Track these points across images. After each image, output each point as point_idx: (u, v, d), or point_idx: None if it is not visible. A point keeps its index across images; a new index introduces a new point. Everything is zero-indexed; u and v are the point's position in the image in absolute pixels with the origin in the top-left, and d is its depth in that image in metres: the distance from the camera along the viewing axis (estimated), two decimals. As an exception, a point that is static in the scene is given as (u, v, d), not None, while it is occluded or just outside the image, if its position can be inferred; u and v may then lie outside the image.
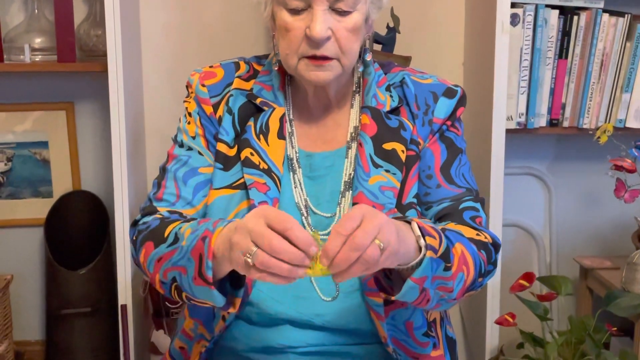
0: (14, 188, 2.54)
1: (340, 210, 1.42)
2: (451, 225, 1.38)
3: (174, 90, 2.44)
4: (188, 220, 1.36)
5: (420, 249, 1.20)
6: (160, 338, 2.28)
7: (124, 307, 2.20)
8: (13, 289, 2.47)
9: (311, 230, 1.42)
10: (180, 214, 1.42)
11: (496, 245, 1.39)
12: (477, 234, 1.36)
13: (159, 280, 1.33)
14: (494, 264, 1.37)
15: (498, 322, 2.10)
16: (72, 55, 2.32)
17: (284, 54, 1.39)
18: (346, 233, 1.12)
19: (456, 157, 1.46)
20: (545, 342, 2.10)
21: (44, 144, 2.53)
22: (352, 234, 1.11)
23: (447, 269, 1.24)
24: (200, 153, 1.46)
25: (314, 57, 1.35)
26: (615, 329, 2.14)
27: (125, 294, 2.20)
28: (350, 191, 1.42)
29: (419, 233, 1.21)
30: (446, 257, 1.24)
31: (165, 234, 1.33)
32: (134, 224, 1.45)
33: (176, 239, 1.30)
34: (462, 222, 1.40)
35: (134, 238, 1.41)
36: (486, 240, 1.37)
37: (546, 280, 2.20)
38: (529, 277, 2.08)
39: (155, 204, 1.45)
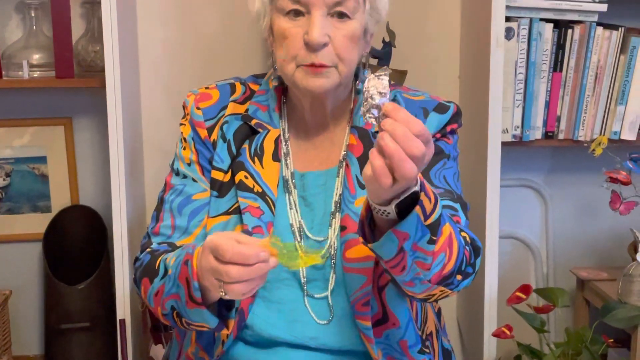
0: (13, 203, 2.54)
1: (331, 233, 1.41)
2: None
3: (172, 105, 2.45)
4: (175, 249, 1.37)
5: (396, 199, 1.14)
6: (159, 352, 2.27)
7: (122, 321, 2.19)
8: (12, 304, 2.46)
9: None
10: (170, 244, 1.42)
11: (477, 249, 1.33)
12: (461, 230, 1.32)
13: (161, 313, 1.34)
14: (473, 267, 1.31)
15: (495, 335, 2.10)
16: (70, 71, 2.32)
17: (280, 61, 1.38)
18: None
19: (439, 161, 1.43)
20: (542, 354, 2.10)
21: (42, 159, 2.53)
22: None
23: (431, 242, 1.17)
24: (194, 180, 1.46)
25: (311, 65, 1.35)
26: (612, 340, 2.13)
27: (123, 309, 2.19)
28: (339, 213, 1.42)
29: (418, 188, 1.15)
30: (434, 229, 1.17)
31: (156, 267, 1.34)
32: (135, 261, 1.46)
33: (166, 270, 1.31)
34: None
35: (134, 278, 1.43)
36: (468, 239, 1.33)
37: (543, 292, 2.21)
38: (525, 289, 2.08)
39: (152, 239, 1.45)
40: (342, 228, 1.39)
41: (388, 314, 1.42)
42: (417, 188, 1.14)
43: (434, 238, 1.18)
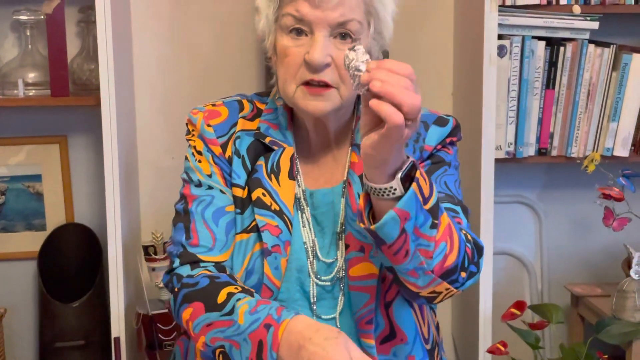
0: (7, 221, 2.53)
1: (339, 256, 1.41)
2: None
3: (167, 123, 2.45)
4: (243, 290, 1.33)
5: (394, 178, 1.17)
6: (154, 370, 2.26)
7: (117, 339, 2.18)
8: (6, 323, 2.45)
9: (317, 280, 1.41)
10: (229, 275, 1.39)
11: (479, 248, 1.33)
12: (462, 229, 1.32)
13: (204, 342, 1.31)
14: (478, 267, 1.32)
15: (490, 351, 2.09)
16: (65, 89, 2.32)
17: (282, 80, 1.37)
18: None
19: (440, 168, 1.44)
20: (537, 371, 2.10)
21: (37, 177, 2.52)
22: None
23: (433, 226, 1.19)
24: (222, 191, 1.44)
25: (311, 84, 1.34)
26: (607, 356, 2.13)
27: (118, 327, 2.18)
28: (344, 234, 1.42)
29: (407, 166, 1.18)
30: (434, 213, 1.19)
31: (219, 300, 1.31)
32: (171, 270, 1.42)
33: (232, 311, 1.28)
34: None
35: (174, 289, 1.38)
36: (470, 237, 1.33)
37: (537, 308, 2.20)
38: (520, 305, 2.08)
39: (191, 250, 1.41)
40: (346, 246, 1.40)
41: (395, 329, 1.41)
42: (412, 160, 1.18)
43: (436, 222, 1.20)
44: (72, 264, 2.52)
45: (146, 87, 2.47)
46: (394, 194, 1.16)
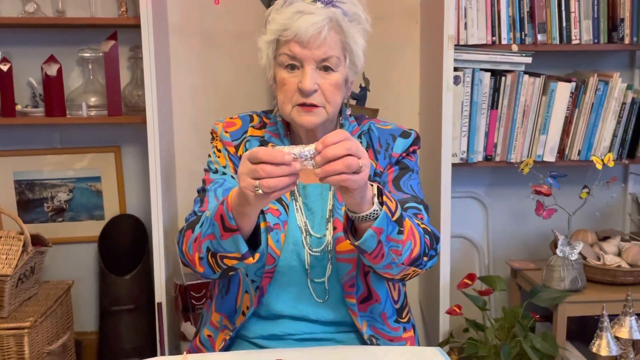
0: (74, 213, 2.54)
1: (328, 234, 1.42)
2: None
3: (198, 137, 2.46)
4: None
5: (374, 204, 1.19)
6: (188, 328, 2.27)
7: (159, 304, 2.19)
8: (74, 291, 2.46)
9: (310, 250, 1.42)
10: None
11: (436, 237, 1.36)
12: (421, 224, 1.35)
13: (198, 258, 1.30)
14: (436, 251, 1.35)
15: (448, 312, 2.10)
16: (119, 110, 2.33)
17: (281, 103, 1.39)
18: (345, 137, 1.12)
19: (406, 173, 1.46)
20: (485, 327, 2.10)
21: (97, 179, 2.53)
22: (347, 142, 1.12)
23: (400, 232, 1.23)
24: (232, 177, 1.46)
25: (304, 105, 1.36)
26: (538, 316, 2.14)
27: (160, 294, 2.19)
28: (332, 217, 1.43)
29: (376, 192, 1.20)
30: (400, 222, 1.23)
31: (199, 219, 1.32)
32: (181, 231, 1.42)
33: (205, 217, 1.29)
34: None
35: (177, 241, 1.38)
36: (429, 230, 1.35)
37: (485, 279, 2.21)
38: (471, 277, 2.09)
39: (199, 214, 1.40)
40: (334, 228, 1.41)
41: (372, 292, 1.43)
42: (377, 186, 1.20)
43: (402, 229, 1.23)
44: (124, 245, 2.53)
45: (182, 108, 2.48)
46: (377, 214, 1.19)
